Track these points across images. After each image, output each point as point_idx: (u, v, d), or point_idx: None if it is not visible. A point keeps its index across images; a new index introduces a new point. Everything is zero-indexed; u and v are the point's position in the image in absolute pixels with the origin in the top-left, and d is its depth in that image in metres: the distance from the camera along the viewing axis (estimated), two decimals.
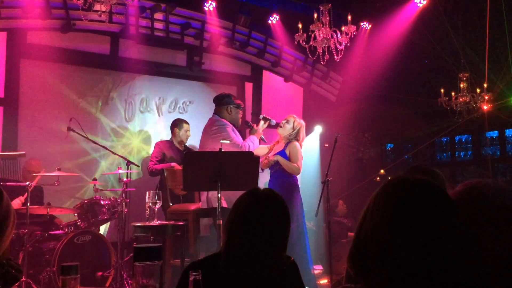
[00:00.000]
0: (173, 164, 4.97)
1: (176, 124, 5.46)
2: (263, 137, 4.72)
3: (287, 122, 4.73)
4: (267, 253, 1.68)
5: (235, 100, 4.60)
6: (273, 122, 4.78)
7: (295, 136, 4.69)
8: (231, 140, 4.21)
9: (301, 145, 4.70)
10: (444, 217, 1.01)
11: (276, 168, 4.63)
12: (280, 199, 1.78)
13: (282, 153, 4.63)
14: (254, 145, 4.47)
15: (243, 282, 1.69)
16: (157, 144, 5.49)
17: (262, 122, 4.74)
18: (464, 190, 1.26)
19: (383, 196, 1.07)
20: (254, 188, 1.81)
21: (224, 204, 3.96)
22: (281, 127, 4.74)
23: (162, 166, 5.04)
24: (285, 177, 4.58)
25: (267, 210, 1.72)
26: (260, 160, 4.51)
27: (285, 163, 4.56)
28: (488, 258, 1.09)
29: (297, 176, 4.68)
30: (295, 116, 4.79)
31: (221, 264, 1.71)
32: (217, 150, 3.61)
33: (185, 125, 5.45)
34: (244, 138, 4.66)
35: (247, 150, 4.25)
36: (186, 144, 5.56)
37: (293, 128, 4.70)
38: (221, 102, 4.55)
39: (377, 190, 1.10)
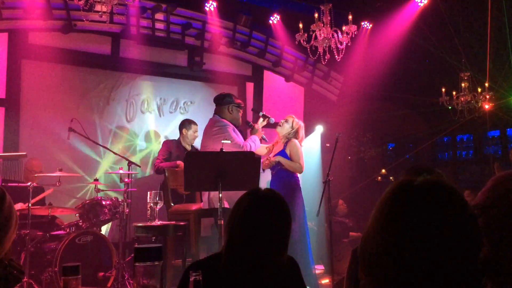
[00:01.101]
0: (178, 162, 4.99)
1: (185, 125, 5.48)
2: (264, 136, 4.71)
3: (286, 121, 4.73)
4: (268, 253, 1.68)
5: (235, 100, 4.59)
6: (272, 120, 4.79)
7: (294, 135, 4.69)
8: (232, 141, 4.21)
9: (300, 145, 4.70)
10: (449, 219, 1.00)
11: (277, 168, 4.62)
12: (281, 199, 1.78)
13: (282, 152, 4.62)
14: (256, 145, 4.46)
15: (244, 282, 1.69)
16: (165, 142, 5.55)
17: (261, 119, 4.74)
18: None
19: (387, 197, 1.07)
20: (255, 188, 1.81)
21: (226, 205, 3.95)
22: (280, 126, 4.74)
23: (167, 164, 5.06)
24: (287, 177, 4.58)
25: (268, 210, 1.72)
26: (261, 160, 4.51)
27: (287, 163, 4.56)
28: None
29: (298, 176, 4.68)
30: (294, 116, 4.80)
31: (222, 264, 1.71)
32: (218, 150, 3.61)
33: (193, 126, 5.46)
34: (245, 138, 4.66)
35: (248, 150, 4.25)
36: (193, 144, 5.56)
37: (292, 128, 4.70)
38: (221, 101, 4.54)
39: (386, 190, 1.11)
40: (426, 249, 0.97)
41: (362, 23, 6.69)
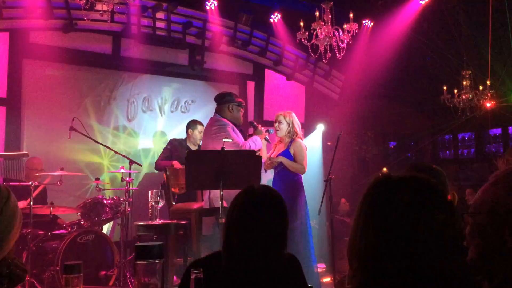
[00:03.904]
0: (174, 162, 4.98)
1: (190, 125, 5.48)
2: (267, 137, 4.66)
3: (280, 122, 4.58)
4: (265, 250, 1.68)
5: (236, 99, 4.56)
6: (272, 130, 4.69)
7: (293, 129, 4.59)
8: (231, 140, 4.19)
9: (301, 138, 4.66)
10: (427, 211, 1.00)
11: (280, 168, 4.59)
12: (276, 195, 1.77)
13: (286, 152, 4.57)
14: (256, 145, 4.42)
15: (245, 280, 1.69)
16: (170, 141, 5.58)
17: (262, 128, 4.61)
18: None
19: (366, 192, 1.09)
20: (250, 186, 1.81)
21: (225, 204, 3.95)
22: (278, 130, 4.64)
23: (164, 163, 5.08)
24: (290, 176, 4.54)
25: (264, 207, 1.72)
26: (263, 160, 4.47)
27: (290, 163, 4.50)
28: None
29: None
30: (281, 112, 4.66)
31: (223, 262, 1.71)
32: (218, 149, 3.60)
33: (198, 126, 5.44)
34: (246, 138, 4.63)
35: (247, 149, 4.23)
36: (200, 144, 5.54)
37: (288, 124, 4.61)
38: (222, 100, 4.53)
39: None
40: (405, 241, 0.97)
41: (363, 21, 6.67)
